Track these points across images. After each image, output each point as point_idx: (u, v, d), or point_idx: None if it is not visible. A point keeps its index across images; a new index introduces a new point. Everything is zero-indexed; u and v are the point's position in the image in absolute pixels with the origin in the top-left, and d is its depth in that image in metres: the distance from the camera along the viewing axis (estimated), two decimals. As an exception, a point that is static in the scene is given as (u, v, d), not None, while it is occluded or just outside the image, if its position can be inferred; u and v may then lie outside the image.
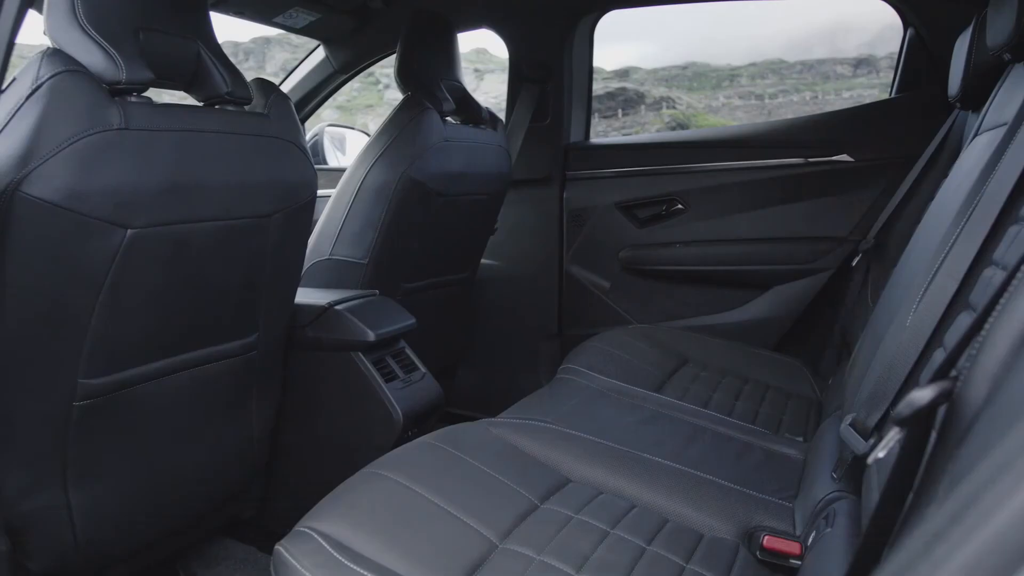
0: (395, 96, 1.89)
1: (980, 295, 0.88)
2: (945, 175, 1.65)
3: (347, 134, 3.01)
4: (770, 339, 2.15)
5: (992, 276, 0.85)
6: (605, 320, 2.34)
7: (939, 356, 0.91)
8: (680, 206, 2.25)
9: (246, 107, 1.29)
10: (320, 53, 2.46)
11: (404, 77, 1.87)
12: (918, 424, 0.56)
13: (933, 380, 0.57)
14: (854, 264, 1.92)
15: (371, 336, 1.57)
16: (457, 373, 2.46)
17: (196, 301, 1.24)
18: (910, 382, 0.99)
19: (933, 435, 0.58)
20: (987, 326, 0.56)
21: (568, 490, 1.16)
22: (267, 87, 1.34)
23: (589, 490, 1.17)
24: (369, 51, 2.44)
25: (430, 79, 1.88)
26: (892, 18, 2.08)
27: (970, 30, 1.46)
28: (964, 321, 0.89)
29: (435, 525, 0.99)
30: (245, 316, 1.37)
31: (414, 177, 1.79)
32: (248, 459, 1.51)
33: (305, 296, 1.61)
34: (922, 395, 0.54)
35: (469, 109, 2.03)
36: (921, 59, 2.01)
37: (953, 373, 0.58)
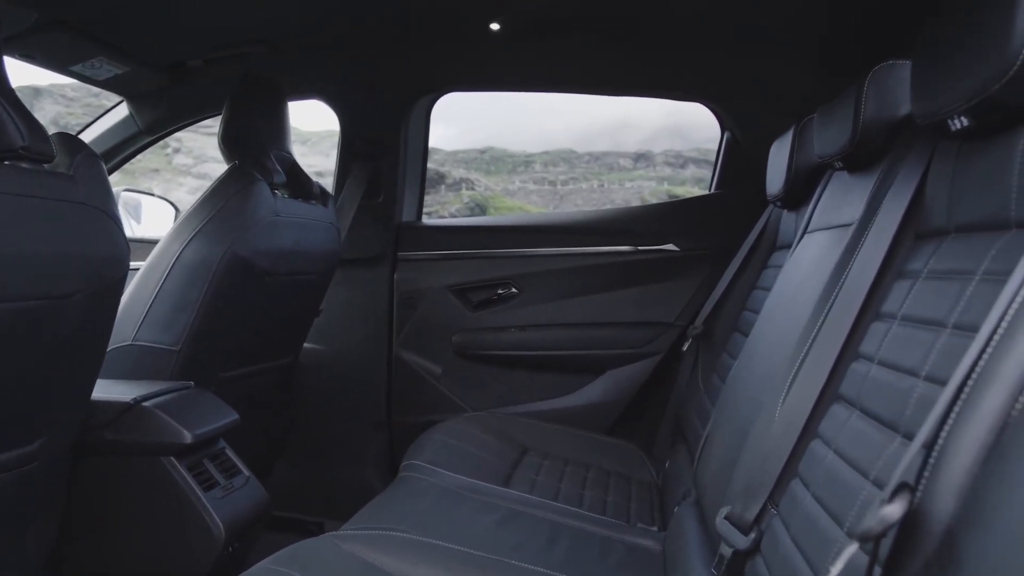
0: (184, 161, 1.69)
1: (853, 388, 0.91)
2: (764, 266, 1.79)
3: (143, 200, 2.69)
4: (605, 423, 2.16)
5: (868, 371, 0.88)
6: (437, 407, 2.23)
7: (817, 448, 0.93)
8: (514, 290, 2.24)
9: (46, 166, 1.07)
10: (123, 110, 2.19)
11: (229, 144, 1.70)
12: (879, 539, 0.54)
13: (894, 495, 0.55)
14: (684, 348, 2.01)
15: (187, 437, 1.34)
16: (273, 468, 2.21)
17: None
18: (787, 473, 1.00)
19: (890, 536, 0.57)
20: (941, 438, 0.55)
21: (436, 612, 1.04)
22: (73, 144, 1.13)
23: (459, 609, 1.05)
24: (181, 113, 2.21)
25: (259, 148, 1.73)
26: (665, 119, 2.31)
27: (789, 137, 1.61)
28: (839, 413, 0.92)
29: None
30: (27, 420, 1.11)
31: (239, 254, 1.61)
32: None
33: (103, 390, 1.35)
34: (891, 511, 0.53)
35: (299, 182, 1.88)
36: (737, 159, 2.20)
37: (901, 481, 0.57)
